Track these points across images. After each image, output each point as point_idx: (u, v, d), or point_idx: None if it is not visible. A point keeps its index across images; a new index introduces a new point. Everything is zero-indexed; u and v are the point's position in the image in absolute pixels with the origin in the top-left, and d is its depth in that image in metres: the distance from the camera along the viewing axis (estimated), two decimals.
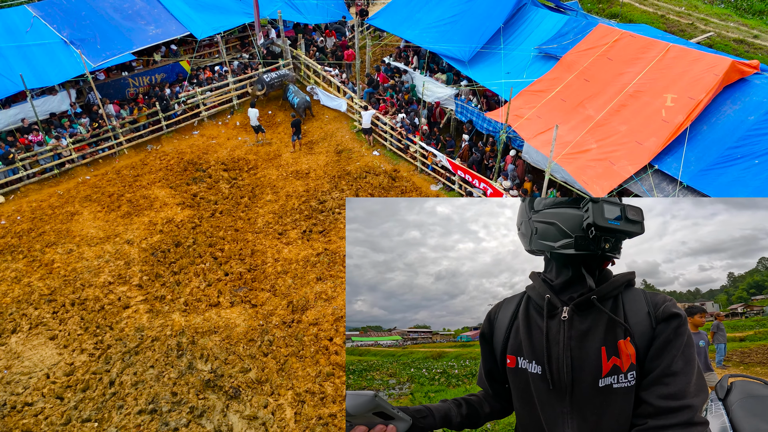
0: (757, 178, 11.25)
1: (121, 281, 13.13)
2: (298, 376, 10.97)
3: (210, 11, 19.86)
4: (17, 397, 10.47)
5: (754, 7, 24.81)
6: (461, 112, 16.73)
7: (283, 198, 16.01)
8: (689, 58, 13.41)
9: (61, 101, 17.35)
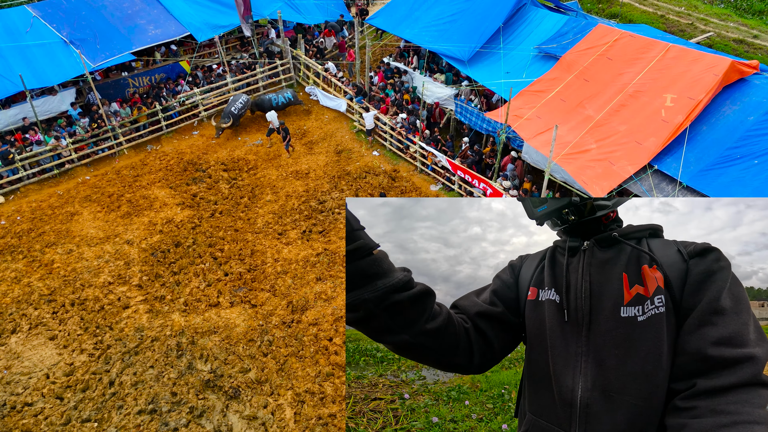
0: (756, 178, 11.26)
1: (120, 281, 13.13)
2: (298, 376, 10.98)
3: (210, 11, 19.85)
4: (17, 397, 10.48)
5: (753, 7, 24.81)
6: (461, 112, 16.73)
7: (283, 198, 16.01)
8: (689, 58, 13.41)
9: (61, 101, 17.35)
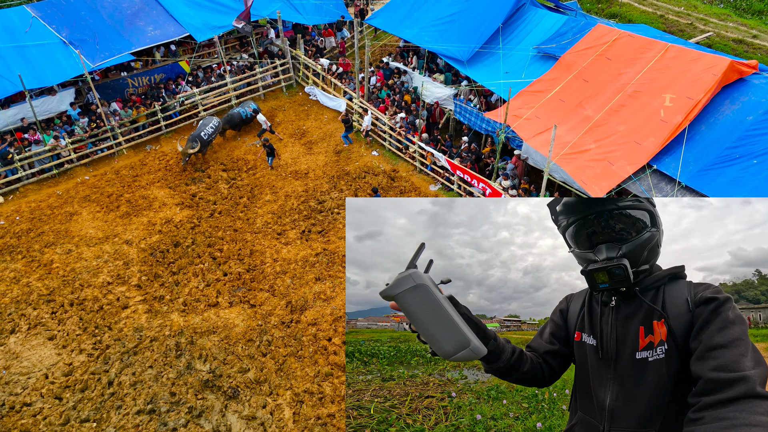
0: (755, 178, 11.25)
1: (119, 281, 13.13)
2: (297, 376, 10.97)
3: (209, 12, 19.84)
4: (16, 397, 10.48)
5: (753, 6, 24.81)
6: (460, 112, 16.73)
7: (282, 198, 16.01)
8: (688, 58, 13.41)
9: (60, 101, 17.35)
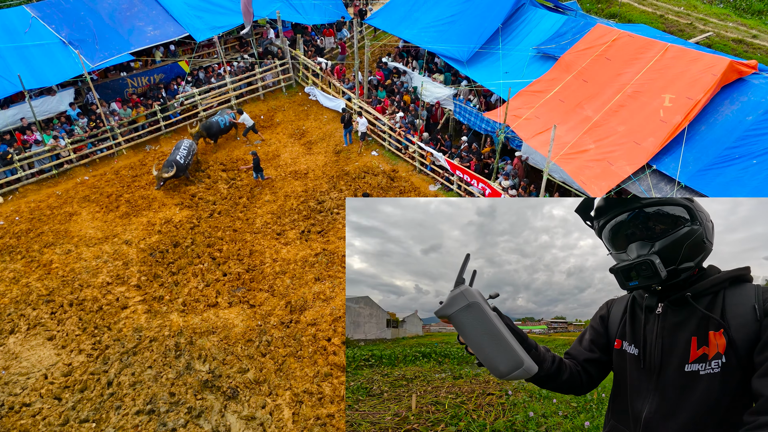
0: (755, 178, 11.25)
1: (119, 282, 13.13)
2: (296, 376, 10.97)
3: (208, 12, 19.85)
4: (15, 397, 10.47)
5: (753, 6, 24.81)
6: (459, 112, 16.73)
7: (282, 198, 16.01)
8: (687, 58, 13.41)
9: (60, 102, 17.34)
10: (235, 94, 20.27)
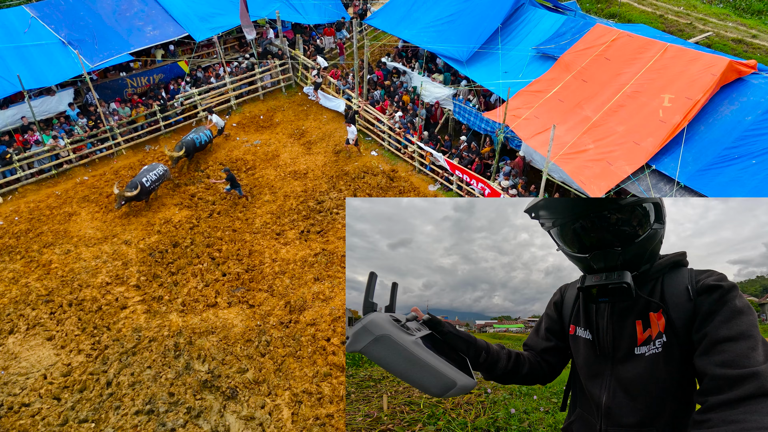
0: (754, 178, 11.25)
1: (118, 282, 13.13)
2: (296, 376, 10.97)
3: (208, 12, 19.85)
4: (14, 397, 10.48)
5: (752, 6, 24.81)
6: (459, 112, 16.72)
7: (281, 198, 16.01)
8: (687, 58, 13.41)
9: (59, 102, 17.34)
10: (235, 94, 20.27)
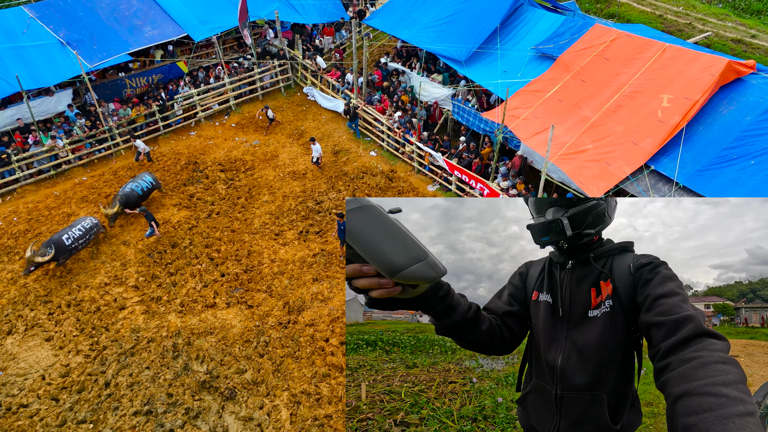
0: (753, 178, 11.24)
1: (117, 282, 13.12)
2: (294, 377, 10.96)
3: (207, 12, 19.84)
4: (12, 398, 10.47)
5: (752, 6, 24.79)
6: (458, 112, 16.71)
7: (280, 199, 16.00)
8: (685, 58, 13.40)
9: (58, 102, 17.32)
10: (234, 94, 20.26)
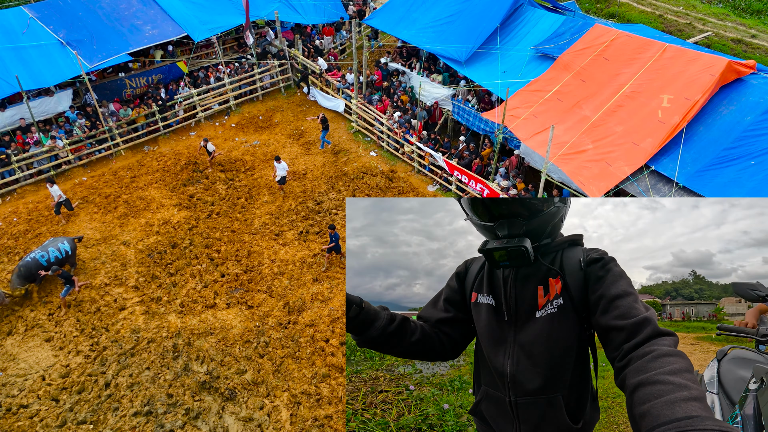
0: (753, 178, 11.23)
1: (117, 283, 13.11)
2: (294, 377, 10.96)
3: (207, 12, 19.83)
4: (12, 399, 10.46)
5: (752, 6, 24.79)
6: (458, 112, 16.71)
7: (280, 199, 15.99)
8: (685, 58, 13.39)
9: (58, 102, 17.31)
10: (234, 94, 20.25)
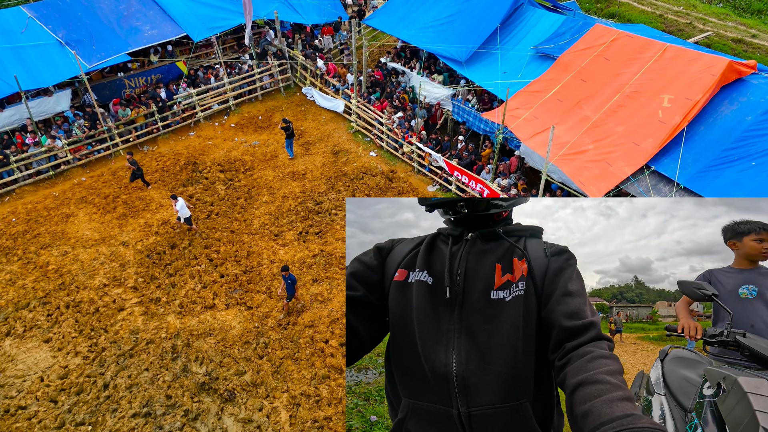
0: (754, 179, 11.19)
1: (116, 283, 13.07)
2: (294, 378, 10.92)
3: (206, 12, 19.78)
4: (11, 400, 10.42)
5: (752, 6, 24.75)
6: (458, 112, 16.67)
7: (280, 199, 15.95)
8: (686, 58, 13.35)
9: (57, 102, 17.27)
10: (233, 94, 20.21)
